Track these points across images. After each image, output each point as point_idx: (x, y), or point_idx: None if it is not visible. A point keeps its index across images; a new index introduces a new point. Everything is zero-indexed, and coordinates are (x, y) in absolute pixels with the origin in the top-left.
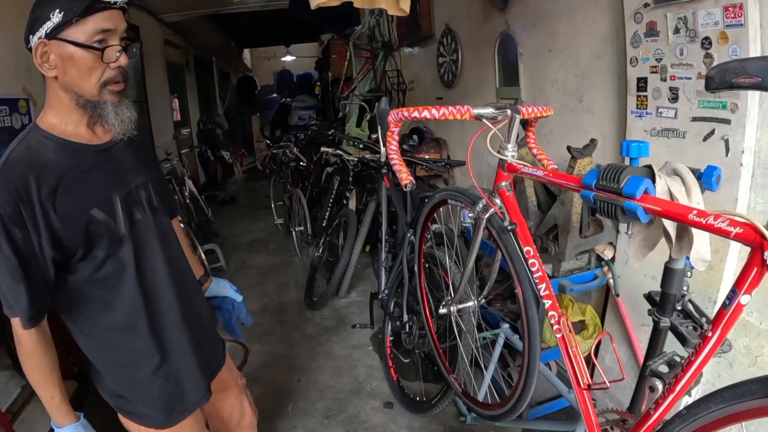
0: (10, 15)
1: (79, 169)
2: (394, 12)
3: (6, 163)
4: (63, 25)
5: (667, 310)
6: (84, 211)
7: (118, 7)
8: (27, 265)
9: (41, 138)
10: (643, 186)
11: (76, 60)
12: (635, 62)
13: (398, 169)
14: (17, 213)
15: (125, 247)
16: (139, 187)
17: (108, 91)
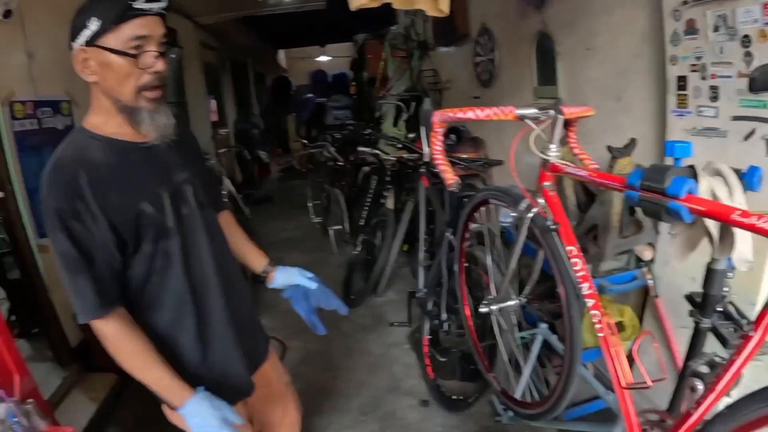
0: (50, 20)
1: (125, 165)
2: (433, 13)
3: (56, 163)
4: (100, 33)
5: (708, 311)
6: (133, 205)
7: (153, 14)
8: (88, 255)
9: (87, 138)
10: (687, 186)
11: (113, 66)
12: (675, 60)
13: (443, 169)
14: (73, 207)
15: (173, 241)
16: (184, 183)
17: (144, 98)
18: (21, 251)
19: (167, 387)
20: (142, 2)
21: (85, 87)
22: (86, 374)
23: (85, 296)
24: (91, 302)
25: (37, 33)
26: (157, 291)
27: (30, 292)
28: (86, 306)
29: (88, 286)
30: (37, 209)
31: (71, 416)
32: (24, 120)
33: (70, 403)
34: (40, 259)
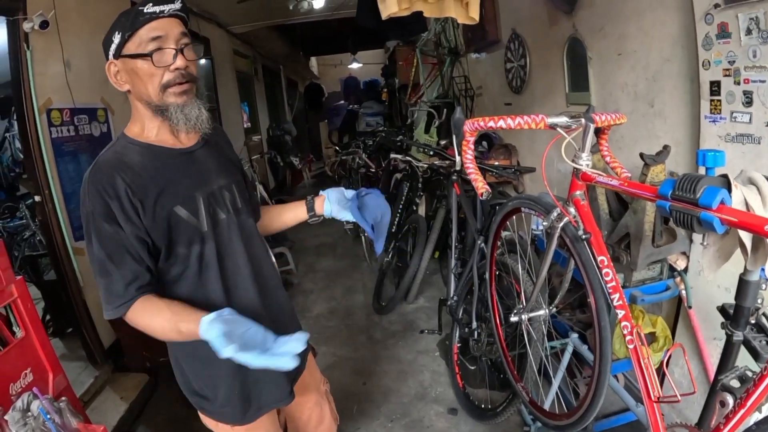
0: (85, 31)
1: (162, 169)
2: (464, 20)
3: (95, 166)
4: (122, 44)
5: (741, 324)
6: (168, 208)
7: (166, 16)
8: (116, 257)
9: (127, 144)
10: (719, 196)
11: (137, 70)
12: (707, 65)
13: (474, 178)
14: (106, 210)
15: (208, 245)
16: (222, 189)
17: (170, 93)
18: (57, 253)
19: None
20: (151, 6)
21: (121, 95)
22: (118, 374)
23: (108, 296)
24: (113, 301)
25: (73, 43)
26: (193, 294)
27: (65, 292)
28: (108, 305)
29: (115, 285)
30: (73, 213)
31: (102, 415)
32: (61, 127)
33: (101, 401)
34: (76, 261)
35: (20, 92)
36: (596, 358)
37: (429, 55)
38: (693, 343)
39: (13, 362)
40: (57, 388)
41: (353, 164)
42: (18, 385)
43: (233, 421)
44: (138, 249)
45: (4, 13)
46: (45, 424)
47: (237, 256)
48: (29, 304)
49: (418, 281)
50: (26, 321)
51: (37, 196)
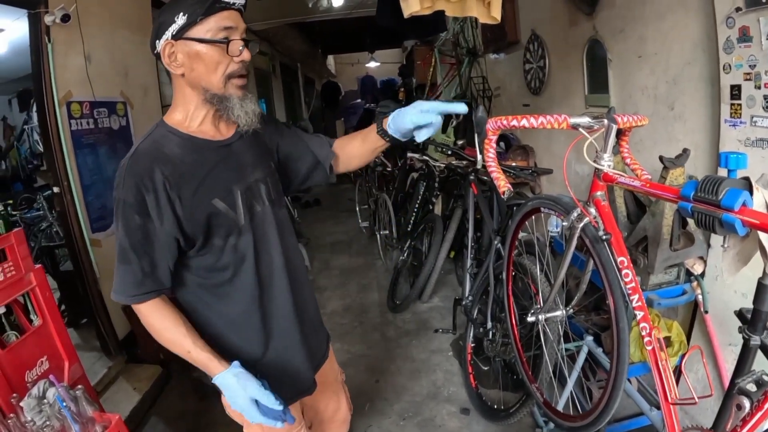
0: (106, 24)
1: (201, 163)
2: (486, 20)
3: (134, 155)
4: (188, 26)
5: (758, 328)
6: (206, 202)
7: (236, 8)
8: (138, 248)
9: (167, 133)
10: (741, 198)
11: (202, 56)
12: (728, 69)
13: (496, 176)
14: (140, 201)
15: (245, 237)
16: (258, 181)
17: (232, 85)
18: (74, 244)
19: (195, 359)
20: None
21: (140, 90)
22: (131, 365)
23: (123, 282)
24: (126, 290)
25: (94, 36)
26: (228, 284)
27: (81, 283)
28: (120, 290)
29: (128, 275)
30: (92, 204)
31: (115, 405)
32: (81, 119)
33: (114, 392)
34: (92, 253)
35: (41, 85)
36: (613, 359)
37: (447, 55)
38: (708, 348)
39: (30, 350)
40: (72, 377)
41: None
42: (34, 373)
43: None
44: (164, 245)
45: (26, 6)
46: (60, 411)
47: (271, 247)
48: (47, 293)
49: (433, 280)
50: (44, 309)
51: (56, 187)
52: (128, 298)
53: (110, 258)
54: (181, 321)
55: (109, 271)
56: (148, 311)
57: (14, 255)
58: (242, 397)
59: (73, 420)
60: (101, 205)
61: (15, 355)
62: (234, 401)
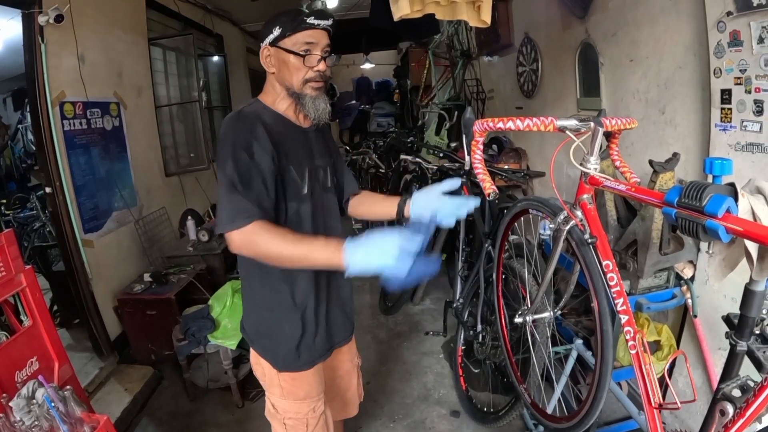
0: (100, 25)
1: (286, 135)
2: (476, 24)
3: (241, 112)
4: (280, 37)
5: (745, 334)
6: (286, 165)
7: (321, 28)
8: (247, 179)
9: (263, 108)
10: (725, 205)
11: (287, 62)
12: (719, 73)
13: (482, 178)
14: (248, 143)
15: (305, 205)
16: (321, 167)
17: (309, 87)
18: (66, 244)
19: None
20: (313, 19)
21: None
22: (123, 366)
23: (230, 209)
24: (234, 216)
25: (88, 36)
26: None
27: (73, 284)
28: (228, 218)
29: (239, 202)
30: (84, 205)
31: (106, 406)
32: (74, 120)
33: (105, 392)
34: (84, 253)
35: (34, 85)
36: (597, 361)
37: (441, 57)
38: (698, 352)
39: (20, 350)
40: (62, 377)
41: (363, 164)
42: (24, 373)
43: (284, 367)
44: (267, 179)
45: (20, 6)
46: (49, 411)
47: (319, 222)
48: (37, 294)
49: (425, 283)
50: (34, 310)
51: (48, 187)
52: (233, 224)
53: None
54: (288, 231)
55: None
56: (253, 231)
57: (4, 256)
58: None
59: (61, 420)
60: (93, 205)
61: (4, 356)
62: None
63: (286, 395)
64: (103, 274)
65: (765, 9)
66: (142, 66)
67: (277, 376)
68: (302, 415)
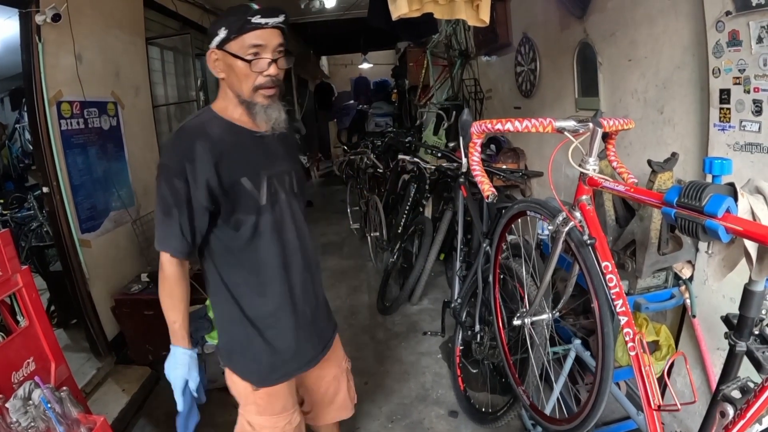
0: (97, 25)
1: (238, 145)
2: (474, 23)
3: (181, 130)
4: (226, 40)
5: (744, 334)
6: (236, 178)
7: (270, 27)
8: (179, 208)
9: (212, 117)
10: (725, 205)
11: (234, 68)
12: (717, 73)
13: (480, 180)
14: (181, 169)
15: (264, 217)
16: (284, 173)
17: (260, 95)
18: (64, 244)
19: (176, 330)
20: (259, 18)
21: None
22: (120, 366)
23: (170, 233)
24: (171, 241)
25: (85, 36)
26: (246, 256)
27: (70, 284)
28: (168, 240)
29: (175, 228)
30: (81, 205)
31: (103, 406)
32: (71, 119)
33: (103, 393)
34: (82, 253)
35: (31, 84)
36: (598, 364)
37: (439, 57)
38: (696, 352)
39: (16, 351)
40: (59, 378)
41: (361, 164)
42: (20, 374)
43: (258, 382)
44: (197, 211)
45: (17, 5)
46: (45, 412)
47: (288, 231)
48: (34, 294)
49: (423, 283)
50: (30, 311)
51: (46, 187)
52: (172, 250)
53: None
54: (186, 298)
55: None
56: (174, 272)
57: (1, 256)
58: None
59: (57, 421)
60: (91, 205)
61: (1, 356)
62: (173, 371)
63: (263, 411)
64: (101, 274)
65: (764, 9)
66: (140, 65)
67: (252, 393)
68: (279, 428)
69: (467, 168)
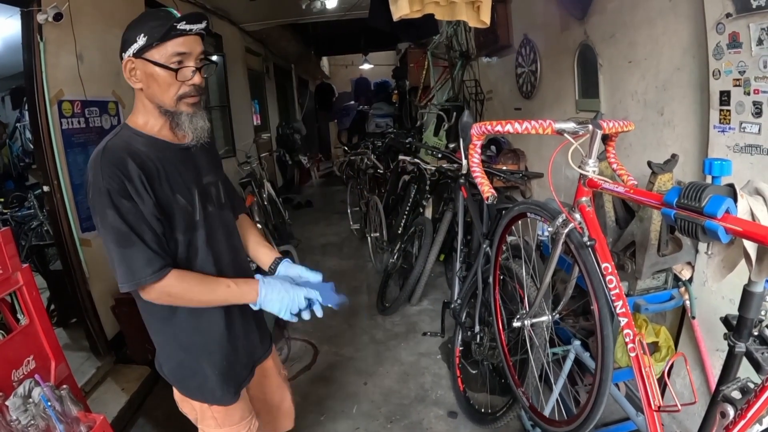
0: (98, 24)
1: (164, 160)
2: (475, 24)
3: (106, 149)
4: (146, 47)
5: (744, 335)
6: (171, 195)
7: (193, 34)
8: (137, 230)
9: (132, 134)
10: (724, 205)
11: (156, 77)
12: (718, 75)
13: (480, 182)
14: (122, 186)
15: (199, 233)
16: (210, 185)
17: (184, 104)
18: (64, 243)
19: (238, 292)
20: (184, 24)
21: (130, 89)
22: (120, 366)
23: (135, 265)
24: (139, 271)
25: (86, 35)
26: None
27: (70, 283)
28: (131, 275)
29: (140, 254)
30: (81, 204)
31: (103, 405)
32: (72, 118)
33: (102, 392)
34: (82, 252)
35: (32, 83)
36: (598, 366)
37: (440, 58)
38: (696, 353)
39: (16, 349)
40: (59, 377)
41: (362, 165)
42: (20, 372)
43: (215, 401)
44: (155, 225)
45: (19, 4)
46: (45, 411)
47: (220, 245)
48: (34, 292)
49: (423, 283)
50: (30, 309)
51: (46, 186)
52: (146, 278)
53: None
54: (206, 277)
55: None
56: (171, 283)
57: (1, 254)
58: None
59: (57, 420)
60: None
61: (1, 354)
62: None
63: (222, 424)
64: (101, 273)
65: (764, 11)
66: None
67: (209, 408)
68: None
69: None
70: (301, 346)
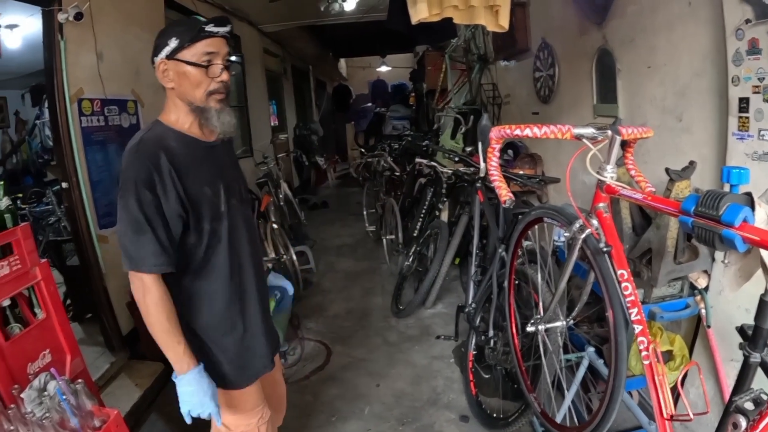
0: (118, 24)
1: (193, 156)
2: (493, 28)
3: (141, 142)
4: (178, 49)
5: (759, 345)
6: (199, 188)
7: (220, 36)
8: (151, 221)
9: (165, 129)
10: (742, 214)
11: (188, 75)
12: (737, 81)
13: (497, 185)
14: (150, 179)
15: (223, 224)
16: (233, 181)
17: (213, 100)
18: (81, 239)
19: (182, 353)
20: (212, 27)
21: (150, 89)
22: (134, 361)
23: (143, 251)
24: (147, 258)
25: (107, 35)
26: (207, 263)
27: (87, 278)
28: (147, 259)
29: (149, 245)
30: (99, 200)
31: (116, 400)
32: (91, 116)
33: (116, 387)
34: (99, 248)
35: (53, 81)
36: (611, 373)
37: (458, 61)
38: (710, 363)
39: (33, 342)
40: (74, 371)
41: (378, 167)
42: (36, 365)
43: (232, 386)
44: (173, 224)
45: (40, 3)
46: (60, 404)
47: (241, 237)
48: (52, 287)
49: (438, 287)
50: (48, 303)
51: (65, 182)
52: (147, 267)
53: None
54: (174, 312)
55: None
56: (162, 292)
57: (20, 249)
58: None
59: (72, 413)
60: (109, 201)
61: (18, 347)
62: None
63: (236, 410)
64: (117, 269)
65: None
66: None
67: (223, 394)
68: (254, 425)
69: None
70: (315, 346)
